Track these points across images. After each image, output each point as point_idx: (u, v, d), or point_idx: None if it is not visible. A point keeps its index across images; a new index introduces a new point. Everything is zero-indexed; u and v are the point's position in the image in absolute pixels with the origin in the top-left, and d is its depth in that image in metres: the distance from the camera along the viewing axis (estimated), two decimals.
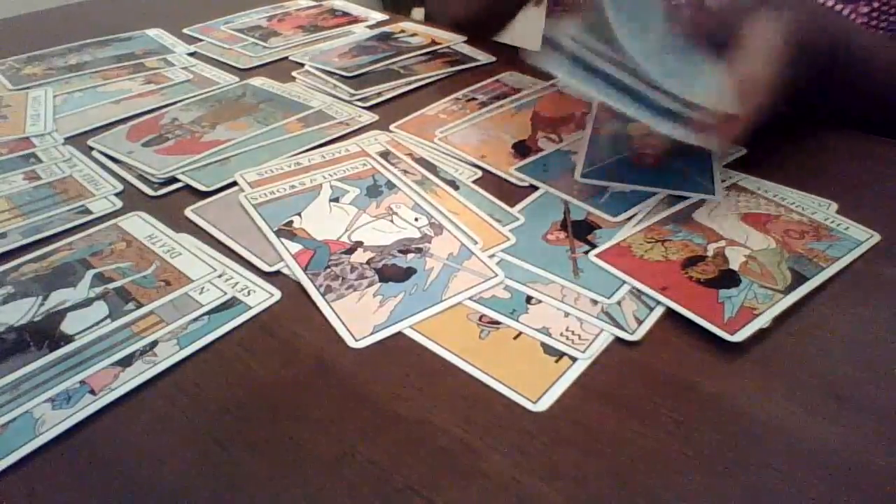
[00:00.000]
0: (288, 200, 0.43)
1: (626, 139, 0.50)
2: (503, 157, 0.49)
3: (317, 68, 0.63)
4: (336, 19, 0.77)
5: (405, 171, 0.47)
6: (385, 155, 0.49)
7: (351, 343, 0.33)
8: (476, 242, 0.39)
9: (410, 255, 0.38)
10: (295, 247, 0.39)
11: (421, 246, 0.39)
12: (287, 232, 0.40)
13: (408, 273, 0.37)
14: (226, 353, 0.33)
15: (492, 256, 0.38)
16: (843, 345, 0.33)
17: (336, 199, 0.44)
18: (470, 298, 0.35)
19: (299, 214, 0.42)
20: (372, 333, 0.33)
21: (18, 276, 0.38)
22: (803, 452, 0.28)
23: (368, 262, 0.38)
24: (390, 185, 0.45)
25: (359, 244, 0.39)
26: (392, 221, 0.41)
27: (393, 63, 0.64)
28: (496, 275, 0.37)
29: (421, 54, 0.66)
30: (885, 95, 0.51)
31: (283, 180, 0.45)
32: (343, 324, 0.34)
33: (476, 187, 0.45)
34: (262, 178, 0.46)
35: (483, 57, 0.66)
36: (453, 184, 0.45)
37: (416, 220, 0.41)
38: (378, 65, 0.64)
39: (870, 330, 0.34)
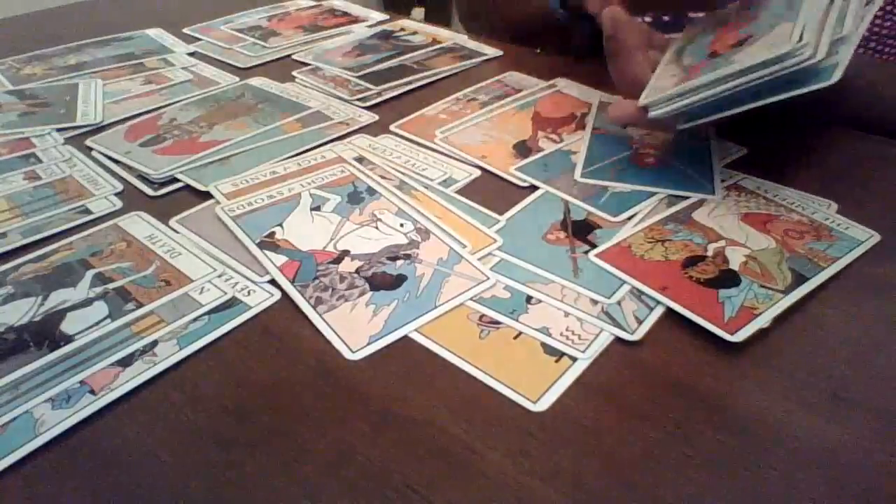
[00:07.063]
0: (266, 211, 0.42)
1: (626, 139, 0.50)
2: (504, 157, 0.49)
3: (320, 67, 0.63)
4: (336, 19, 0.77)
5: (382, 177, 0.46)
6: (360, 160, 0.48)
7: (348, 355, 0.32)
8: (464, 246, 0.39)
9: (400, 262, 0.38)
10: (280, 258, 0.38)
11: (409, 252, 0.39)
12: (270, 243, 0.39)
13: (399, 280, 0.37)
14: (226, 353, 0.33)
15: (489, 256, 0.38)
16: (843, 345, 0.33)
17: (317, 208, 0.42)
18: (465, 302, 0.35)
19: (280, 225, 0.41)
20: (368, 344, 0.33)
21: (18, 276, 0.38)
22: (803, 452, 0.28)
23: (358, 271, 0.37)
24: (371, 191, 0.44)
25: (346, 253, 0.39)
26: (377, 228, 0.40)
27: (404, 60, 0.65)
28: (488, 278, 0.37)
29: (431, 50, 0.67)
30: (886, 92, 0.51)
31: (259, 190, 0.44)
32: (338, 336, 0.33)
33: (448, 191, 0.45)
34: (238, 189, 0.44)
35: (490, 51, 0.67)
36: (430, 187, 0.45)
37: (402, 225, 0.41)
38: (385, 63, 0.64)
39: (870, 330, 0.34)
